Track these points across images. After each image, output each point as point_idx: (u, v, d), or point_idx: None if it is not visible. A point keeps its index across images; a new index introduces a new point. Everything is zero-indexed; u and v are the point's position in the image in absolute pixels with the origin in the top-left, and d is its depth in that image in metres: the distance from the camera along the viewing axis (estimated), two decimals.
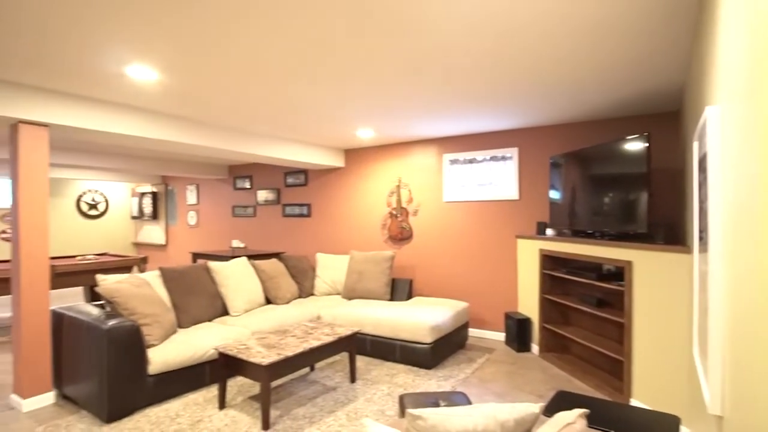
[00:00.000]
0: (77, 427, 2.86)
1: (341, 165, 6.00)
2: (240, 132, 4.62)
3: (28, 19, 2.06)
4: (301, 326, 3.65)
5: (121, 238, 9.33)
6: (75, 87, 3.11)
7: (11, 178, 3.16)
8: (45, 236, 3.20)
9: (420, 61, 2.63)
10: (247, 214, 7.29)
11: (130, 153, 6.36)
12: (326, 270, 5.31)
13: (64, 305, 3.46)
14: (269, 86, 3.13)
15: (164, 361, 3.13)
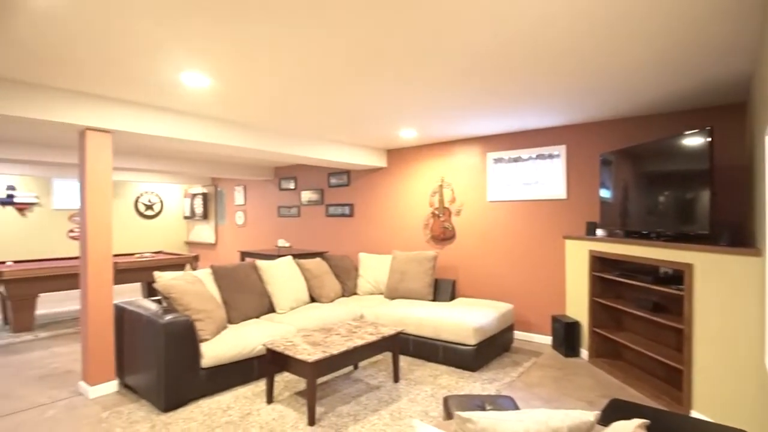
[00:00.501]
0: (137, 414, 3.04)
1: (383, 165, 6.03)
2: (285, 134, 4.75)
3: (96, 36, 2.21)
4: (345, 325, 3.69)
5: (175, 237, 9.82)
6: (135, 95, 3.30)
7: (79, 181, 3.40)
8: (109, 235, 3.42)
9: (468, 60, 2.60)
10: (292, 214, 7.47)
11: (183, 156, 6.68)
12: (369, 269, 5.35)
13: (124, 300, 3.69)
14: (316, 89, 3.19)
15: (216, 355, 3.27)
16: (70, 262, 6.27)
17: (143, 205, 9.30)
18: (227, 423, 2.89)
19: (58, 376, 3.76)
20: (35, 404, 3.21)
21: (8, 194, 7.53)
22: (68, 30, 2.16)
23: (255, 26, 2.14)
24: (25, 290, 5.08)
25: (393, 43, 2.36)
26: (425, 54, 2.52)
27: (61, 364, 4.09)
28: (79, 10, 1.95)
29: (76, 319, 5.88)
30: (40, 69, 2.72)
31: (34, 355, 4.36)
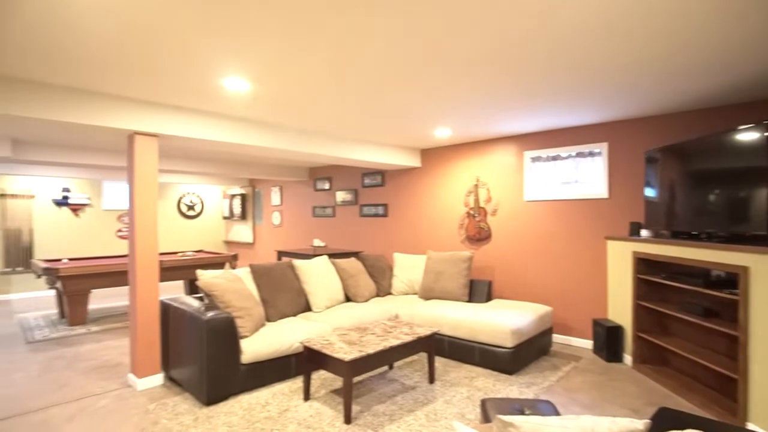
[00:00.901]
0: (181, 407, 3.16)
1: (418, 165, 6.01)
2: (320, 135, 4.81)
3: (145, 46, 2.31)
4: (380, 324, 3.71)
5: (214, 236, 10.16)
6: (179, 100, 3.43)
7: (128, 183, 3.58)
8: (155, 235, 3.58)
9: (506, 58, 2.55)
10: (326, 214, 7.57)
11: (222, 158, 6.90)
12: (403, 269, 5.35)
13: (168, 296, 3.84)
14: (352, 91, 3.22)
15: (255, 352, 3.36)
16: (119, 260, 6.60)
17: (185, 206, 9.67)
18: (266, 418, 2.96)
19: (109, 368, 3.97)
20: (90, 394, 3.40)
21: (64, 196, 8.01)
22: (119, 41, 2.28)
23: (293, 32, 2.18)
24: (79, 286, 5.39)
25: (429, 44, 2.35)
26: (463, 53, 2.49)
27: (112, 356, 4.31)
28: (129, 23, 2.05)
29: (124, 314, 6.19)
30: (93, 77, 2.88)
31: (87, 347, 4.62)
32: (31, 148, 5.31)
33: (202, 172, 7.02)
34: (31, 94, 2.94)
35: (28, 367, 4.04)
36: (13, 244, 7.47)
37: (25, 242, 7.60)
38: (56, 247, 7.94)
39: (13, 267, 7.47)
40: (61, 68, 2.70)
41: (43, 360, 4.22)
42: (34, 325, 5.61)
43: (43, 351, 4.51)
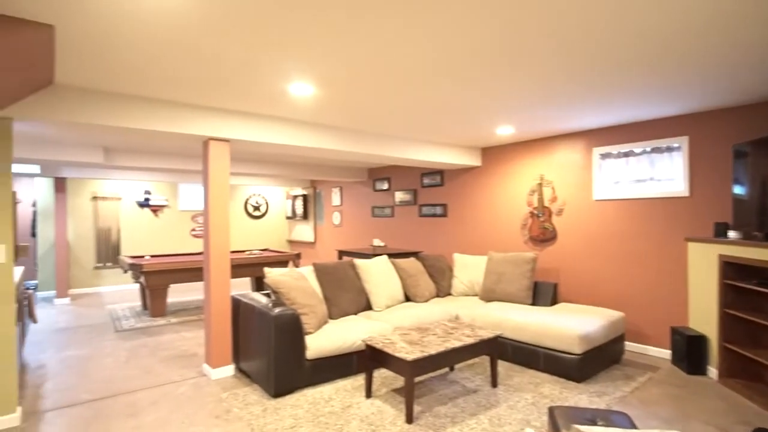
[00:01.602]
0: (251, 397, 3.33)
1: (478, 164, 5.90)
2: (381, 136, 4.87)
3: (217, 58, 2.46)
4: (441, 325, 3.68)
5: (278, 235, 10.60)
6: (249, 106, 3.62)
7: (203, 185, 3.82)
8: (227, 234, 3.80)
9: (577, 50, 2.44)
10: (385, 214, 7.64)
11: (285, 161, 7.18)
12: (463, 270, 5.27)
13: (238, 292, 4.06)
14: (413, 92, 3.23)
15: (319, 348, 3.46)
16: (193, 257, 7.07)
17: (251, 207, 10.17)
18: (330, 413, 3.04)
19: (186, 358, 4.27)
20: (170, 380, 3.67)
21: (145, 198, 8.72)
22: (193, 58, 2.44)
23: (349, 40, 2.22)
24: (159, 281, 5.84)
25: (496, 39, 2.30)
26: (534, 46, 2.41)
27: (188, 347, 4.63)
28: (201, 44, 2.20)
29: (198, 308, 6.62)
30: (171, 89, 3.11)
31: (167, 337, 5.00)
32: (119, 155, 5.84)
33: (267, 174, 7.35)
34: (120, 106, 3.23)
35: (117, 353, 4.44)
36: (103, 242, 8.25)
37: (114, 240, 8.37)
38: (139, 244, 8.66)
39: (103, 262, 8.25)
40: (144, 82, 2.95)
41: (130, 347, 4.62)
42: (121, 315, 6.16)
43: (129, 339, 4.94)
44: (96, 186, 8.22)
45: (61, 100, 3.01)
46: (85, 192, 8.12)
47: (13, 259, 2.94)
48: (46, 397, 3.37)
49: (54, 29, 2.14)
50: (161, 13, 1.98)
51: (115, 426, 2.90)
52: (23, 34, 2.02)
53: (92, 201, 8.18)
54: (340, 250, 6.74)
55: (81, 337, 5.08)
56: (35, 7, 1.92)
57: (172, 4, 1.90)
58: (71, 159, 5.31)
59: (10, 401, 2.91)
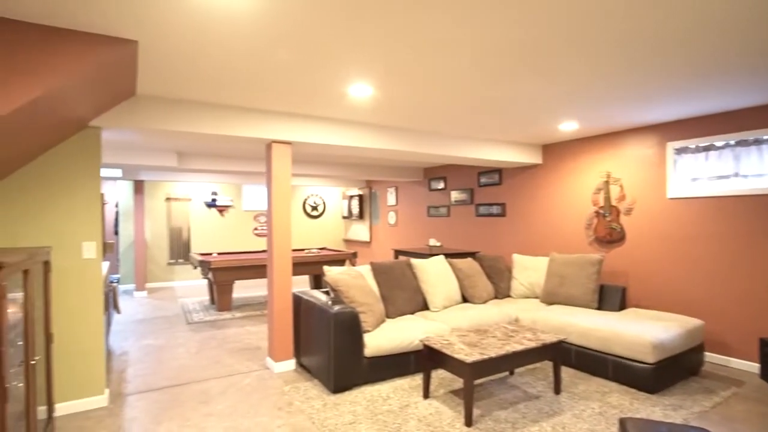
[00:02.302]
0: (312, 392, 3.43)
1: (539, 162, 5.69)
2: (438, 135, 4.83)
3: (282, 63, 2.56)
4: (501, 328, 3.59)
5: (335, 235, 10.84)
6: (309, 109, 3.73)
7: (267, 186, 3.99)
8: (289, 234, 3.94)
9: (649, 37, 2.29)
10: (441, 214, 7.57)
11: (342, 162, 7.33)
12: (523, 271, 5.11)
13: (298, 290, 4.20)
14: (472, 90, 3.17)
15: (377, 346, 3.49)
16: (256, 255, 7.40)
17: (309, 207, 10.48)
18: (388, 412, 3.07)
19: (250, 351, 4.47)
20: (237, 372, 3.87)
21: (212, 199, 9.25)
22: (258, 66, 2.55)
23: (407, 42, 2.22)
24: (226, 277, 6.17)
25: (558, 28, 2.21)
26: (606, 35, 2.29)
27: (252, 340, 4.85)
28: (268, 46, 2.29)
29: (260, 303, 6.92)
30: (238, 94, 3.27)
31: (232, 330, 5.27)
32: (190, 159, 6.24)
33: (325, 175, 7.54)
34: (192, 113, 3.44)
35: (189, 344, 4.74)
36: (175, 240, 8.85)
37: (185, 238, 8.95)
38: (207, 242, 9.21)
39: (175, 259, 8.86)
40: (214, 90, 3.12)
41: (200, 339, 4.92)
42: (191, 308, 6.57)
43: (199, 331, 5.26)
44: (169, 188, 8.84)
45: (142, 109, 3.27)
46: (160, 194, 8.76)
47: (102, 255, 3.23)
48: (129, 381, 3.67)
49: (137, 44, 2.32)
50: (231, 24, 2.09)
51: (190, 412, 3.10)
52: (111, 50, 2.21)
53: (166, 202, 8.80)
54: (396, 250, 6.77)
55: (157, 327, 5.48)
56: (121, 25, 2.09)
57: (241, 16, 2.00)
58: (149, 163, 5.75)
59: (99, 384, 3.20)
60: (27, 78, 2.02)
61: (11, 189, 2.94)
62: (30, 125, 2.33)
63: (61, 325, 3.08)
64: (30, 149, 2.75)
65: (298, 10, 1.97)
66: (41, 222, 3.02)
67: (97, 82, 2.46)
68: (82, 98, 2.52)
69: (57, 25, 2.08)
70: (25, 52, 2.03)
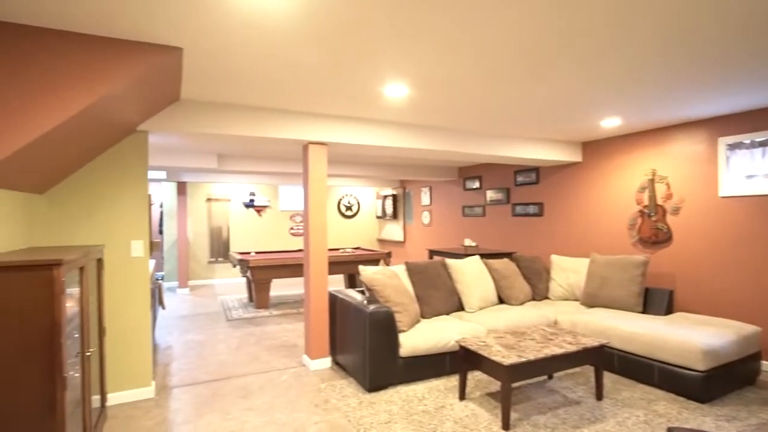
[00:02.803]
0: (347, 390, 3.46)
1: (578, 160, 5.51)
2: (474, 134, 4.76)
3: (318, 65, 2.60)
4: (539, 330, 3.50)
5: (368, 234, 10.90)
6: (345, 110, 3.77)
7: (303, 187, 4.06)
8: (325, 234, 3.99)
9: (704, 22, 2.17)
10: (476, 213, 7.47)
11: (376, 162, 7.36)
12: (562, 273, 4.97)
13: (334, 289, 4.25)
14: (508, 85, 3.11)
15: (413, 346, 3.49)
16: (292, 254, 7.54)
17: (344, 207, 10.59)
18: (423, 412, 3.05)
19: (287, 348, 4.57)
20: (274, 368, 3.96)
21: (250, 199, 9.50)
22: (294, 70, 2.60)
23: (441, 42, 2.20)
24: (263, 275, 6.32)
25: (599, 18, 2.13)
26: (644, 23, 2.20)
27: (289, 338, 4.95)
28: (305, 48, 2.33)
29: (296, 302, 7.05)
30: (276, 97, 3.34)
31: (270, 328, 5.40)
32: (229, 161, 6.44)
33: (359, 175, 7.59)
34: (232, 116, 3.55)
35: (229, 340, 4.89)
36: (215, 239, 9.16)
37: (224, 238, 9.24)
38: (245, 241, 9.47)
39: (215, 257, 9.16)
40: (253, 93, 3.20)
41: (239, 336, 5.07)
42: (231, 306, 6.78)
43: (238, 328, 5.41)
44: (210, 189, 9.15)
45: (185, 113, 3.40)
46: (201, 194, 9.08)
47: (149, 253, 3.38)
48: (173, 375, 3.83)
49: (182, 51, 2.41)
50: (270, 29, 2.14)
51: (230, 406, 3.19)
52: (158, 57, 2.31)
53: (206, 202, 9.11)
54: (431, 250, 6.73)
55: (199, 323, 5.69)
56: (168, 33, 2.18)
57: (280, 22, 2.04)
58: (191, 165, 5.97)
59: (146, 376, 3.35)
60: (82, 86, 2.15)
61: (67, 191, 3.13)
62: (84, 131, 2.47)
63: (112, 320, 3.25)
64: (84, 153, 2.91)
65: (337, 12, 1.99)
66: (94, 222, 3.19)
67: (144, 88, 2.58)
68: (131, 104, 2.65)
69: (108, 35, 2.20)
70: (79, 62, 2.15)
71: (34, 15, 1.98)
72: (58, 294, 1.79)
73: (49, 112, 2.09)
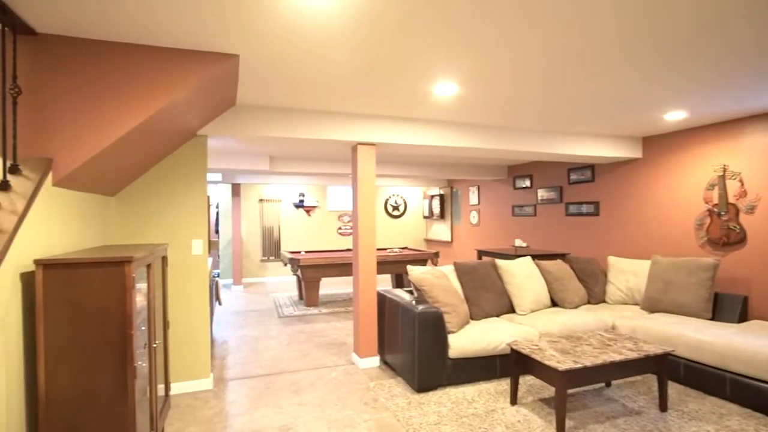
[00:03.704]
0: (396, 389, 3.47)
1: (638, 156, 5.21)
2: (525, 132, 4.63)
3: (368, 66, 2.62)
4: (596, 335, 3.35)
5: (415, 234, 10.87)
6: (393, 110, 3.78)
7: (352, 188, 4.11)
8: (374, 233, 4.02)
9: None
10: (526, 213, 7.26)
11: (423, 162, 7.32)
12: (620, 275, 4.72)
13: (382, 288, 4.27)
14: (565, 84, 3.00)
15: (462, 348, 3.44)
16: (341, 253, 7.66)
17: (391, 207, 10.62)
18: (473, 415, 3.00)
19: (336, 346, 4.65)
20: (324, 365, 4.04)
21: (300, 200, 9.76)
22: (348, 66, 2.64)
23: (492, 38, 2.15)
24: (313, 274, 6.47)
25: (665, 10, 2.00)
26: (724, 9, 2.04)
27: (338, 336, 5.03)
28: (356, 50, 2.36)
29: (344, 300, 7.16)
30: (326, 99, 3.41)
31: (320, 326, 5.51)
32: (280, 162, 6.64)
33: (406, 175, 7.59)
34: (284, 119, 3.66)
35: (280, 336, 5.05)
36: (267, 239, 9.48)
37: (275, 237, 9.55)
38: (295, 241, 9.74)
39: (267, 256, 9.48)
40: (304, 96, 3.29)
41: (290, 332, 5.22)
42: (282, 303, 6.99)
43: (289, 325, 5.57)
44: (262, 190, 9.49)
45: (241, 117, 3.54)
46: (254, 195, 9.43)
47: (208, 252, 3.56)
48: (229, 368, 4.00)
49: (239, 58, 2.52)
50: (322, 32, 2.18)
51: (282, 400, 3.30)
52: (217, 64, 2.42)
53: (259, 203, 9.46)
54: (480, 250, 6.61)
55: (252, 320, 5.91)
56: (225, 41, 2.28)
57: (331, 25, 2.08)
58: (245, 167, 6.22)
59: (204, 368, 3.53)
60: (149, 95, 2.29)
61: (135, 193, 3.35)
62: (150, 136, 2.63)
63: (175, 315, 3.44)
64: (150, 158, 3.11)
65: (387, 11, 2.00)
66: (159, 221, 3.40)
67: (205, 94, 2.71)
68: (192, 110, 2.80)
69: (172, 46, 2.33)
70: (146, 73, 2.30)
71: (105, 30, 2.14)
72: (129, 289, 1.92)
73: (121, 120, 2.24)
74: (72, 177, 2.24)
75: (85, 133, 2.20)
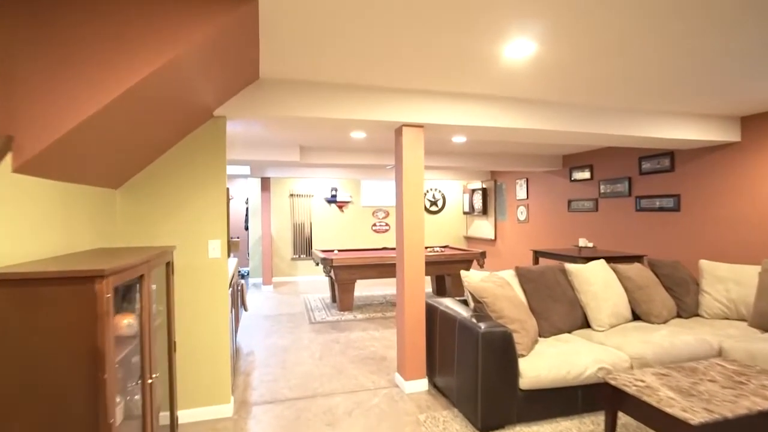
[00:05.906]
0: (453, 426, 2.82)
1: (735, 139, 4.34)
2: (601, 111, 3.85)
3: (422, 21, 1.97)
4: (715, 367, 2.59)
5: (455, 231, 10.14)
6: (447, 84, 3.12)
7: (395, 177, 3.48)
8: (422, 230, 3.39)
9: None
10: (586, 208, 6.43)
11: (464, 152, 6.60)
12: (716, 283, 3.89)
13: (432, 298, 3.62)
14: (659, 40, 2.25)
15: (536, 376, 2.75)
16: (377, 252, 7.06)
17: (428, 201, 9.93)
18: None
19: (375, 361, 4.04)
20: (363, 387, 3.44)
21: (332, 195, 9.22)
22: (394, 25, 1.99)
23: None
24: (348, 276, 5.90)
25: None
26: None
27: (377, 348, 4.43)
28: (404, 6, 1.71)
29: (382, 304, 6.55)
30: (366, 71, 2.78)
31: (355, 335, 4.93)
32: (312, 153, 6.08)
33: (446, 166, 6.90)
34: (317, 96, 3.06)
35: (312, 346, 4.50)
36: (298, 236, 8.99)
37: (307, 234, 9.05)
38: (327, 238, 9.21)
39: (298, 254, 9.00)
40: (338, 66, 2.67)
41: (322, 342, 4.65)
42: (314, 306, 6.46)
43: (321, 333, 5.01)
44: (292, 184, 9.00)
45: (265, 94, 2.97)
46: (284, 190, 8.95)
47: (227, 254, 3.01)
48: (254, 388, 3.46)
49: (257, 5, 1.92)
50: None
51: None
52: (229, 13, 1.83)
53: (289, 198, 8.98)
54: (536, 251, 5.85)
55: (282, 325, 5.39)
56: None
57: None
58: (274, 158, 5.70)
59: (224, 392, 2.99)
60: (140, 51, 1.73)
61: (142, 185, 2.83)
62: (150, 110, 2.08)
63: (187, 331, 2.91)
64: (158, 142, 2.58)
65: None
66: (169, 218, 2.88)
67: (217, 54, 2.13)
68: (203, 78, 2.23)
69: None
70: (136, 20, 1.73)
71: None
72: (101, 315, 1.36)
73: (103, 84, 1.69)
74: (41, 161, 1.70)
75: (57, 101, 1.65)
